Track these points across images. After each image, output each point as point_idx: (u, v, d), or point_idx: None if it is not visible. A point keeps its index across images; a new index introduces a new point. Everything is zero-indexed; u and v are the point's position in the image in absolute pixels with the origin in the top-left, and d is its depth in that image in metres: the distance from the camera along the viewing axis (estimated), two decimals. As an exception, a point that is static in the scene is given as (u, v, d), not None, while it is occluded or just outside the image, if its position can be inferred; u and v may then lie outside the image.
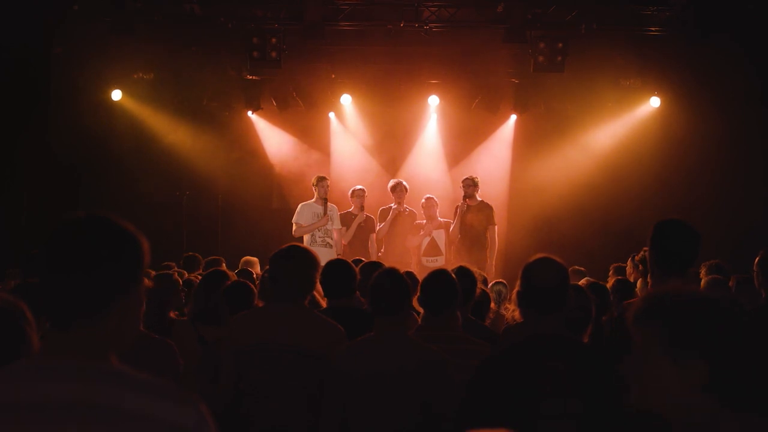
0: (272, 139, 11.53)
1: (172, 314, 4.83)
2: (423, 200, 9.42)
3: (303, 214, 9.02)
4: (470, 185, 9.19)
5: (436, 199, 9.44)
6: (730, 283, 5.40)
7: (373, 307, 3.42)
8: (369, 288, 3.46)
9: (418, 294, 3.78)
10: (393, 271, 3.51)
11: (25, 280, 4.76)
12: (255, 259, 7.56)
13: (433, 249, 9.29)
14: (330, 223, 9.00)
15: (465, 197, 9.17)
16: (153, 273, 5.24)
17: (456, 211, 9.28)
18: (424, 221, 9.37)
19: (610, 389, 2.57)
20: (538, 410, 2.60)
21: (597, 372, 2.68)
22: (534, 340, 2.76)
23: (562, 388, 2.62)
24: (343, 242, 9.16)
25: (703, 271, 6.12)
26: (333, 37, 10.25)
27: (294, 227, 9.02)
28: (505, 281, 6.60)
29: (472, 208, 9.16)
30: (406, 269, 7.08)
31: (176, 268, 6.98)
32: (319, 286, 4.29)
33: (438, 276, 3.75)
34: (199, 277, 5.58)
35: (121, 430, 1.46)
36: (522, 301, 2.90)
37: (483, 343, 3.77)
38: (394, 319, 3.38)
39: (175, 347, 3.78)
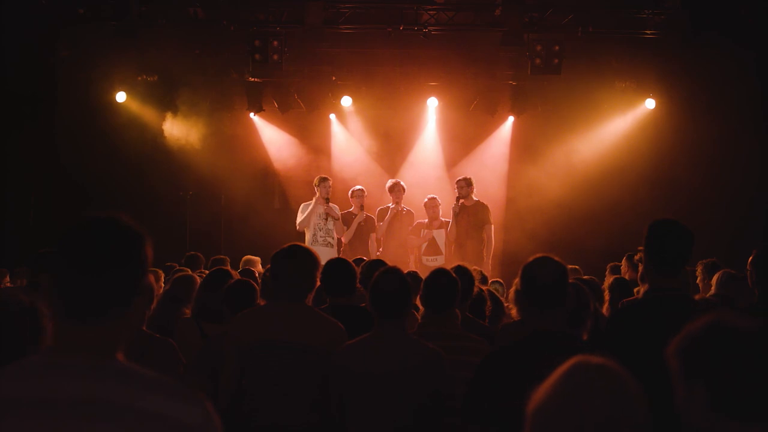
0: (274, 140, 11.63)
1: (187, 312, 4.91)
2: (426, 200, 9.51)
3: (305, 213, 9.17)
4: (464, 186, 9.29)
5: (438, 199, 9.53)
6: (715, 279, 5.50)
7: (375, 309, 3.43)
8: (370, 288, 3.47)
9: (420, 293, 3.85)
10: (396, 273, 3.48)
11: (33, 279, 4.82)
12: (257, 258, 7.64)
13: (433, 248, 9.38)
14: (331, 222, 9.14)
15: (459, 198, 9.27)
16: (161, 272, 5.33)
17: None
18: (425, 220, 9.46)
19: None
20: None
21: None
22: (536, 337, 2.80)
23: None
24: (343, 241, 9.28)
25: (699, 269, 6.18)
26: (334, 39, 10.36)
27: (298, 226, 9.19)
28: (501, 280, 6.69)
29: (468, 208, 9.25)
30: (404, 268, 7.19)
31: (178, 267, 7.06)
32: None
33: (440, 275, 3.80)
34: (202, 276, 5.64)
35: (131, 427, 1.48)
36: (522, 299, 2.93)
37: (481, 340, 3.81)
38: (395, 322, 3.41)
39: (176, 346, 3.85)
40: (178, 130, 11.08)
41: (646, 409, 1.54)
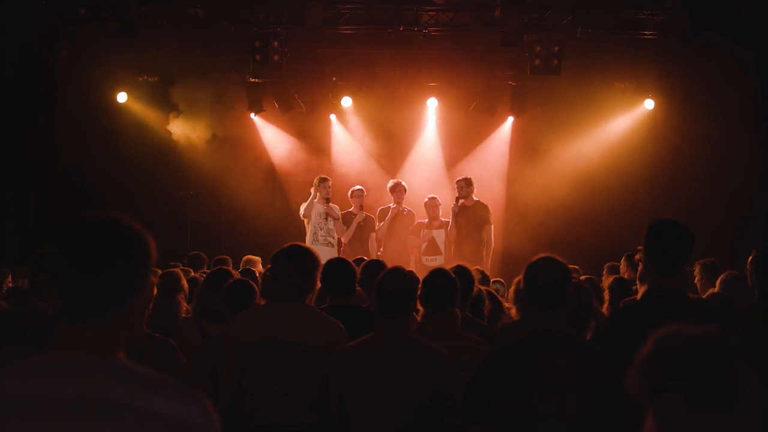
0: (274, 140, 11.66)
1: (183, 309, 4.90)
2: (426, 199, 9.52)
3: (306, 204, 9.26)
4: (464, 186, 9.30)
5: (438, 199, 9.54)
6: (720, 279, 5.51)
7: (378, 309, 3.42)
8: (375, 289, 3.46)
9: (419, 293, 3.86)
10: (401, 273, 3.48)
11: (34, 279, 4.83)
12: (257, 258, 7.64)
13: (433, 248, 9.39)
14: (331, 222, 9.16)
15: (459, 198, 9.28)
16: (159, 272, 5.33)
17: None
18: (426, 220, 9.47)
19: (613, 386, 2.63)
20: (541, 406, 2.66)
21: (600, 369, 2.72)
22: (536, 337, 2.79)
23: (564, 385, 2.66)
24: (343, 241, 9.29)
25: (697, 269, 6.19)
26: (334, 40, 10.39)
27: (303, 219, 9.31)
28: (502, 280, 6.69)
29: (468, 208, 9.26)
30: (405, 268, 7.20)
31: (181, 267, 7.07)
32: None
33: (438, 275, 3.81)
34: (204, 276, 5.65)
35: (131, 427, 1.48)
36: (523, 298, 2.94)
37: (481, 340, 3.81)
38: (397, 321, 3.41)
39: (176, 346, 3.85)
40: (179, 130, 11.12)
41: None
